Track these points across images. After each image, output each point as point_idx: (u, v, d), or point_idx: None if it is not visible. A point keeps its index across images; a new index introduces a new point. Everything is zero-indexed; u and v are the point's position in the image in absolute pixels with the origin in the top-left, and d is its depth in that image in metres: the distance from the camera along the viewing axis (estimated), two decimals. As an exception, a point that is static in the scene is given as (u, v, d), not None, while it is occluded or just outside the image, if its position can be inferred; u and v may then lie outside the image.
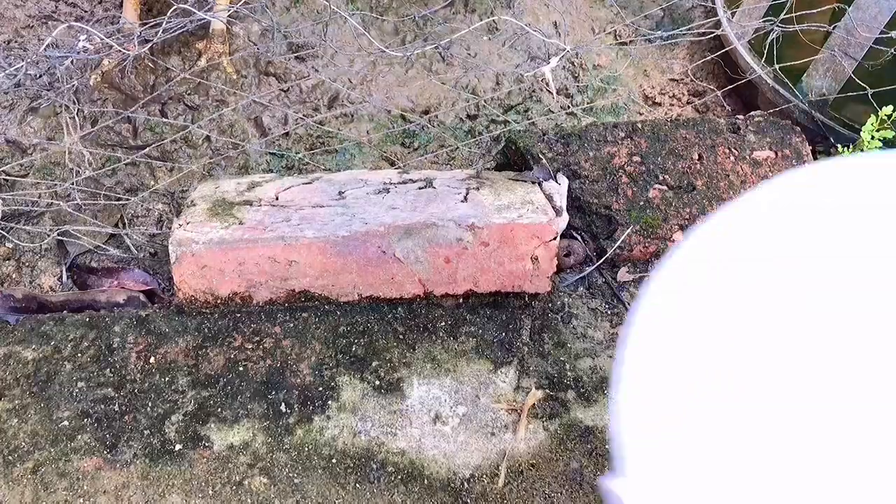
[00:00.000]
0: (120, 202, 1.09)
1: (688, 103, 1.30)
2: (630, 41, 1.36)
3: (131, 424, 0.88)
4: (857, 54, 1.07)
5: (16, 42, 1.24)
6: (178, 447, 0.87)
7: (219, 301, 0.95)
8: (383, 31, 1.31)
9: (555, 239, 0.95)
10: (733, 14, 1.24)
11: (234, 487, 0.85)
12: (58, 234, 1.04)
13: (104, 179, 1.13)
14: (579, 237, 1.06)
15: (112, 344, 0.93)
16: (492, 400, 0.91)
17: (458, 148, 1.20)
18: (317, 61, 1.27)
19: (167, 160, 1.16)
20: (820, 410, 0.41)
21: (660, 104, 1.30)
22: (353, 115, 1.22)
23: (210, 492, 0.84)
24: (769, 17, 1.12)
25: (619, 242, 1.02)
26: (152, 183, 1.14)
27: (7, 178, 1.09)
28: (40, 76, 0.95)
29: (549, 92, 1.25)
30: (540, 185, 1.01)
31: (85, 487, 0.84)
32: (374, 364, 0.93)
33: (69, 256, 1.06)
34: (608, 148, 1.08)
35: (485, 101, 1.22)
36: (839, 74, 1.11)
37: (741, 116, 1.18)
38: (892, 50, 1.02)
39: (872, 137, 1.08)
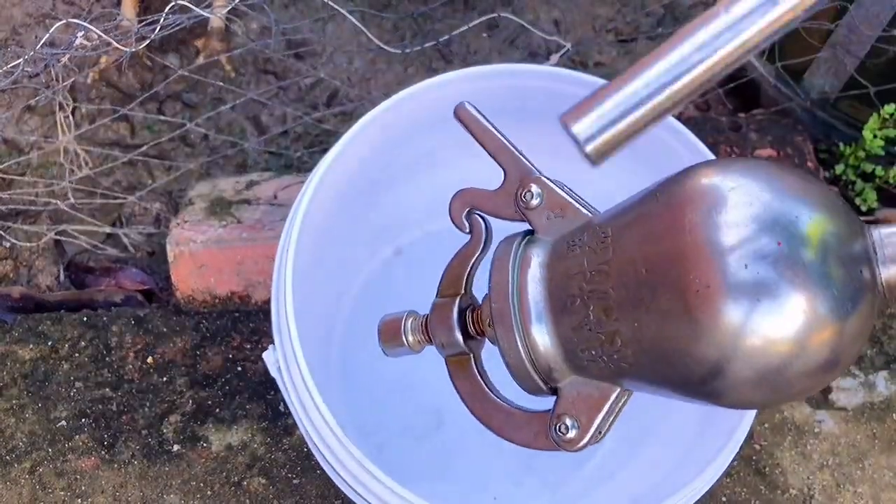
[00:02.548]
0: (117, 201, 1.09)
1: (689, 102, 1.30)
2: (632, 39, 1.35)
3: (129, 424, 0.88)
4: (859, 52, 1.07)
5: (13, 40, 1.23)
6: (176, 447, 0.86)
7: (217, 300, 0.95)
8: (382, 29, 1.31)
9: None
10: (735, 11, 1.24)
11: (233, 488, 0.84)
12: (55, 234, 1.03)
13: (101, 178, 1.13)
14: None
15: (110, 343, 0.93)
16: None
17: (457, 146, 1.19)
18: (315, 59, 1.26)
19: (165, 159, 1.15)
20: None
21: (661, 102, 1.29)
22: (352, 114, 1.22)
23: (209, 492, 0.84)
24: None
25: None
26: (150, 182, 1.13)
27: (4, 176, 1.09)
28: (37, 74, 0.95)
29: (550, 90, 1.24)
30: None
31: (83, 487, 0.84)
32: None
33: (66, 255, 1.06)
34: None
35: (485, 99, 1.21)
36: (841, 72, 1.11)
37: (743, 115, 1.17)
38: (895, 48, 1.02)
39: (875, 136, 1.07)
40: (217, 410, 0.89)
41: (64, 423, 0.87)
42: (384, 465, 0.58)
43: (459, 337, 0.43)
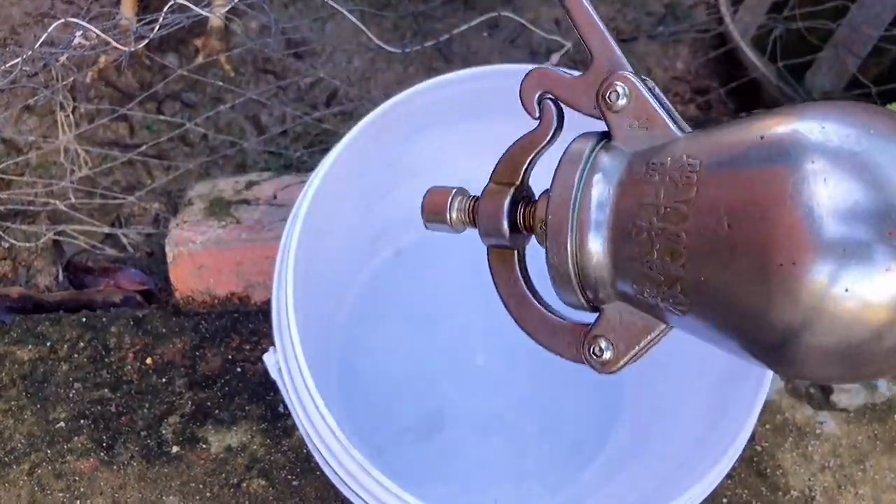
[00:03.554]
0: (116, 201, 1.08)
1: (690, 101, 1.29)
2: (633, 38, 1.35)
3: (128, 426, 0.87)
4: (860, 52, 1.07)
5: (11, 40, 1.23)
6: (175, 449, 0.86)
7: (216, 301, 0.94)
8: (382, 28, 1.30)
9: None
10: (736, 11, 1.24)
11: (232, 489, 0.84)
12: (54, 234, 1.03)
13: (100, 178, 1.12)
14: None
15: (108, 344, 0.92)
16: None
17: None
18: (315, 58, 1.26)
19: (164, 159, 1.15)
20: None
21: (662, 102, 1.29)
22: (352, 114, 1.21)
23: (208, 494, 0.84)
24: (772, 14, 1.11)
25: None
26: (149, 182, 1.13)
27: (3, 177, 1.08)
28: (36, 73, 0.94)
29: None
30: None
31: (82, 489, 0.84)
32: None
33: (65, 256, 1.05)
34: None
35: (485, 99, 1.20)
36: (843, 72, 1.10)
37: (744, 115, 1.17)
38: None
39: (876, 136, 1.07)
40: (216, 412, 0.88)
41: (63, 424, 0.87)
42: (384, 467, 0.58)
43: (507, 229, 0.39)
